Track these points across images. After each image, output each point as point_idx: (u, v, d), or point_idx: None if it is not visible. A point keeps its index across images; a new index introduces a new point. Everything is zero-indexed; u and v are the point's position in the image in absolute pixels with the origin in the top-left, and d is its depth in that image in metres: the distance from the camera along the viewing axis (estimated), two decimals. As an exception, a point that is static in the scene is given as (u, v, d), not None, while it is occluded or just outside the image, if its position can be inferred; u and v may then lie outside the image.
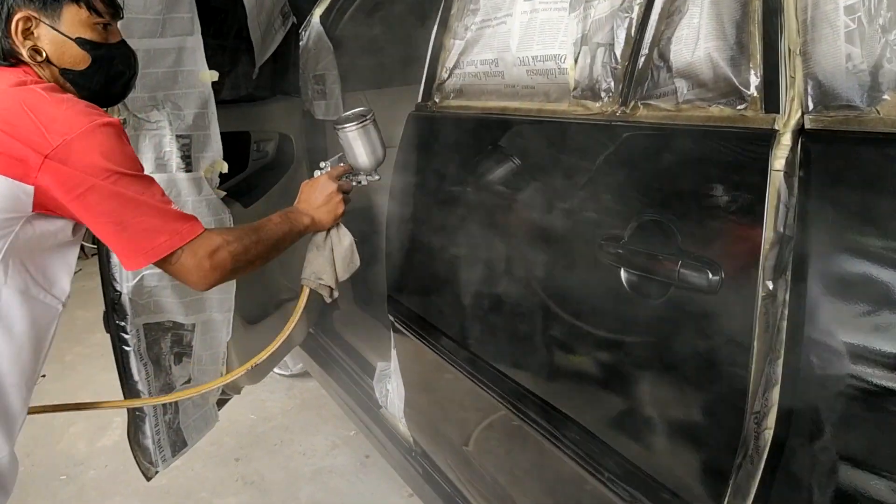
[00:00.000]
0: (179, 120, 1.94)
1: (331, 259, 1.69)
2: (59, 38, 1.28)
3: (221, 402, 2.47)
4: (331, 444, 3.24)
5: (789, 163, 0.96)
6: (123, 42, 1.40)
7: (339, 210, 1.65)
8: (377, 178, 1.79)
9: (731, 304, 1.02)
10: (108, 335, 2.04)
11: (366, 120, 1.71)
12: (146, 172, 1.91)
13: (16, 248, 1.26)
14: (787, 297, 0.97)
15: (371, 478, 2.97)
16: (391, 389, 2.40)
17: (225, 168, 2.06)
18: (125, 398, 2.04)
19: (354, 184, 1.78)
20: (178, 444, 2.22)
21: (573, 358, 1.38)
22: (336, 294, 1.74)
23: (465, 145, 1.77)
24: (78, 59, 1.31)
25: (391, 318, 2.13)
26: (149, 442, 2.10)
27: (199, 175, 2.01)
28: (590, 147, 1.34)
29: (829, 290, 0.93)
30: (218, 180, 2.08)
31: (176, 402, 2.19)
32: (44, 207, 1.23)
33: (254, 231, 1.44)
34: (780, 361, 0.99)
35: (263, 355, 1.82)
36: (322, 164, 1.75)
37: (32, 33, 1.27)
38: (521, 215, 1.53)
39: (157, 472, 2.20)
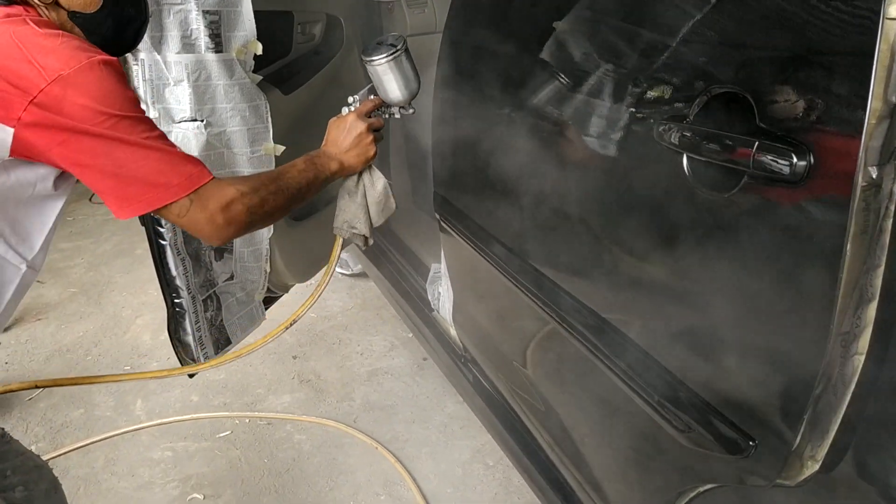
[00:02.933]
0: (206, -6, 1.77)
1: (364, 205, 1.57)
2: None
3: (269, 301, 2.39)
4: (389, 345, 3.17)
5: (913, 7, 0.71)
6: None
7: (370, 152, 1.51)
8: (411, 111, 1.62)
9: (820, 196, 0.80)
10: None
11: (397, 51, 1.50)
12: (175, 53, 1.83)
13: None
14: (896, 189, 0.75)
15: (427, 381, 2.89)
16: (442, 292, 2.27)
17: (259, 49, 1.89)
18: (164, 294, 1.97)
19: (386, 116, 1.62)
20: (222, 342, 2.16)
21: (627, 265, 1.18)
22: (371, 242, 1.64)
23: (518, 18, 1.54)
24: (88, 0, 1.21)
25: (438, 216, 1.96)
26: (189, 338, 2.04)
27: (231, 56, 1.85)
28: (648, 6, 1.10)
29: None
30: (252, 63, 1.92)
31: (218, 299, 2.11)
32: (24, 153, 1.11)
33: (272, 180, 1.31)
34: (881, 271, 0.77)
35: (301, 312, 1.82)
36: (350, 100, 1.58)
37: None
38: (574, 98, 1.30)
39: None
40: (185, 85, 1.81)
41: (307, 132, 2.34)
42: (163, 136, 1.17)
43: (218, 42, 1.82)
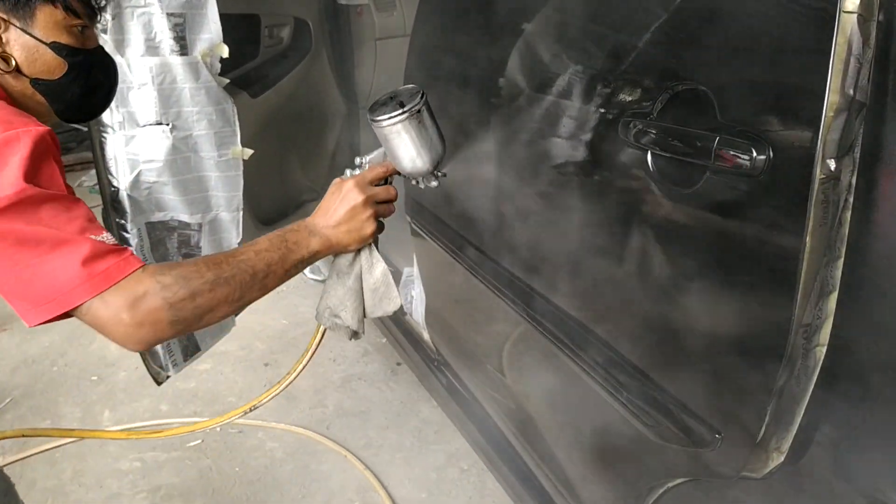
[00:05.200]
0: (170, -4, 1.75)
1: (355, 291, 1.19)
2: (32, 42, 1.09)
3: (239, 307, 2.37)
4: (362, 350, 3.15)
5: (866, 2, 0.72)
6: (101, 48, 1.20)
7: (367, 230, 1.14)
8: (435, 183, 1.23)
9: (779, 189, 0.81)
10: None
11: (412, 109, 1.10)
12: (139, 56, 1.80)
13: None
14: (854, 181, 0.76)
15: (401, 386, 2.87)
16: (415, 296, 2.26)
17: (225, 52, 1.87)
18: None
19: (414, 183, 1.25)
20: (191, 349, 2.13)
21: (594, 263, 1.19)
22: (360, 335, 1.24)
23: (485, 21, 1.54)
24: (53, 66, 1.12)
25: (409, 219, 1.96)
26: (157, 346, 2.01)
27: (197, 59, 1.83)
28: (612, 6, 1.11)
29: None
30: (219, 66, 1.90)
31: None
32: None
33: (216, 265, 1.00)
34: (840, 263, 0.78)
35: (266, 397, 1.39)
36: (357, 160, 1.23)
37: (0, 38, 1.08)
38: (542, 98, 1.31)
39: (168, 377, 2.13)
40: (149, 88, 1.79)
41: (275, 136, 2.34)
42: (82, 218, 0.95)
43: (183, 45, 1.80)
